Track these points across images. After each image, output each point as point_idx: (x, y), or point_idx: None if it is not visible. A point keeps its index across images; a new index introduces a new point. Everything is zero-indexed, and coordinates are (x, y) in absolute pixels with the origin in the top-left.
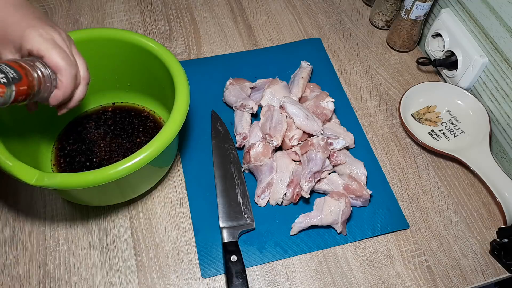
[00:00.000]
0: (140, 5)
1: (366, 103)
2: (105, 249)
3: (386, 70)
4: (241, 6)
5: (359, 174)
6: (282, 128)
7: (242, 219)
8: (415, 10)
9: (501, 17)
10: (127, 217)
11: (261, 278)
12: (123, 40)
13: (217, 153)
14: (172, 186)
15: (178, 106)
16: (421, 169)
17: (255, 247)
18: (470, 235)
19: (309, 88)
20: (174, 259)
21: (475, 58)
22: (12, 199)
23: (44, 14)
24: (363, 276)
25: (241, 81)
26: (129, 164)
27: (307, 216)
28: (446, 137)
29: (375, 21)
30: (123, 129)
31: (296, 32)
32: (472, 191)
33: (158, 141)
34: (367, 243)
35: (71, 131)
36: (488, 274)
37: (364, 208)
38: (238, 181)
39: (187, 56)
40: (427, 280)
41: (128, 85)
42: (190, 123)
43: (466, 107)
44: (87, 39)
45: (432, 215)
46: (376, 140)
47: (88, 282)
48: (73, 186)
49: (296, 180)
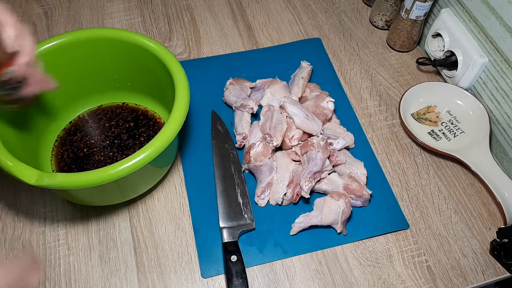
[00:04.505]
0: (140, 5)
1: (366, 103)
2: (105, 249)
3: (386, 70)
4: (241, 6)
5: (359, 174)
6: (282, 128)
7: (242, 219)
8: (415, 10)
9: (501, 17)
10: (127, 217)
11: (261, 278)
12: (123, 40)
13: (217, 153)
14: (172, 186)
15: (178, 106)
16: (421, 169)
17: (255, 247)
18: (470, 235)
19: (309, 88)
20: (174, 259)
21: (475, 58)
22: (12, 199)
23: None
24: (363, 276)
25: (241, 81)
26: (129, 164)
27: (307, 216)
28: (446, 137)
29: (375, 21)
30: (123, 129)
31: (296, 32)
32: (472, 191)
33: (158, 141)
34: (367, 243)
35: (71, 131)
36: (488, 274)
37: (364, 208)
38: (238, 181)
39: (187, 56)
40: (427, 280)
41: (128, 85)
42: (190, 123)
43: (466, 107)
44: (87, 39)
45: (432, 215)
46: (376, 140)
47: (88, 282)
48: (73, 186)
49: (296, 180)
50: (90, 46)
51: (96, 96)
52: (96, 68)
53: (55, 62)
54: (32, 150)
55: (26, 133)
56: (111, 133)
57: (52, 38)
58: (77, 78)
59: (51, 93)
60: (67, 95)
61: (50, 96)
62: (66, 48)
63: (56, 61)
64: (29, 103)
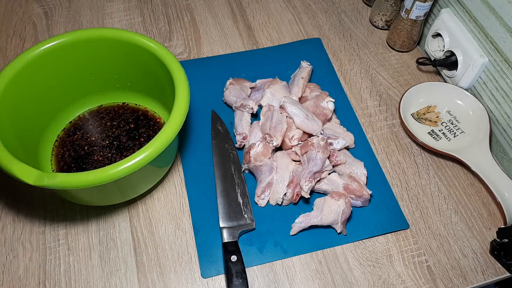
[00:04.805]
0: (140, 5)
1: (366, 103)
2: (105, 249)
3: (386, 70)
4: (241, 6)
5: (359, 174)
6: (282, 128)
7: (242, 219)
8: (415, 10)
9: (501, 17)
10: (127, 217)
11: (261, 278)
12: (123, 40)
13: (217, 153)
14: (172, 186)
15: (178, 106)
16: (421, 169)
17: (255, 247)
18: (470, 235)
19: (309, 88)
20: (174, 259)
21: (475, 58)
22: (12, 199)
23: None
24: (363, 276)
25: (241, 81)
26: (129, 164)
27: (307, 216)
28: (446, 137)
29: (375, 21)
30: (123, 129)
31: (296, 32)
32: (472, 191)
33: (158, 141)
34: (367, 243)
35: (71, 131)
36: (488, 274)
37: (364, 208)
38: (238, 181)
39: (187, 56)
40: (427, 280)
41: (128, 85)
42: (190, 123)
43: (466, 107)
44: (87, 39)
45: (432, 215)
46: (376, 140)
47: (88, 282)
48: (73, 186)
49: (296, 180)
50: (90, 46)
51: (96, 96)
52: (96, 68)
53: (55, 62)
54: (32, 150)
55: (26, 133)
56: (111, 133)
57: (52, 38)
58: (77, 78)
59: (51, 93)
60: (67, 95)
61: (50, 96)
62: (66, 48)
63: (56, 61)
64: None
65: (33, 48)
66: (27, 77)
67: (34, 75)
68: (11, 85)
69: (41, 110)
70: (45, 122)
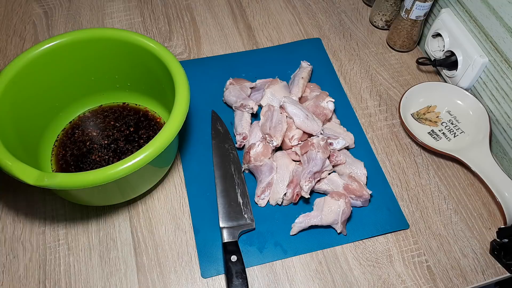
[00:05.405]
0: (140, 5)
1: (366, 103)
2: (105, 249)
3: (386, 70)
4: (241, 6)
5: (359, 174)
6: (282, 128)
7: (242, 219)
8: (415, 10)
9: (501, 17)
10: (127, 217)
11: (261, 278)
12: (123, 40)
13: (217, 153)
14: (172, 186)
15: (178, 106)
16: (421, 169)
17: (255, 247)
18: (470, 235)
19: (309, 88)
20: (174, 259)
21: (475, 58)
22: (12, 199)
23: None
24: (363, 276)
25: (241, 81)
26: (129, 164)
27: (307, 216)
28: (446, 137)
29: (375, 21)
30: (123, 129)
31: (296, 32)
32: (472, 191)
33: (158, 141)
34: (367, 243)
35: (71, 131)
36: (488, 274)
37: (364, 208)
38: (238, 181)
39: (187, 56)
40: (427, 280)
41: (128, 85)
42: (190, 123)
43: (466, 107)
44: (87, 39)
45: (432, 215)
46: (376, 140)
47: (88, 282)
48: (73, 186)
49: (296, 180)
50: (90, 46)
51: (96, 96)
52: (96, 68)
53: (55, 62)
54: (32, 150)
55: (26, 133)
56: (111, 133)
57: (52, 38)
58: (77, 78)
59: (51, 93)
60: (67, 95)
61: (50, 96)
62: (66, 48)
63: (56, 61)
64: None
65: (33, 48)
66: (27, 77)
67: (34, 75)
68: (11, 85)
69: (41, 110)
70: (45, 122)
